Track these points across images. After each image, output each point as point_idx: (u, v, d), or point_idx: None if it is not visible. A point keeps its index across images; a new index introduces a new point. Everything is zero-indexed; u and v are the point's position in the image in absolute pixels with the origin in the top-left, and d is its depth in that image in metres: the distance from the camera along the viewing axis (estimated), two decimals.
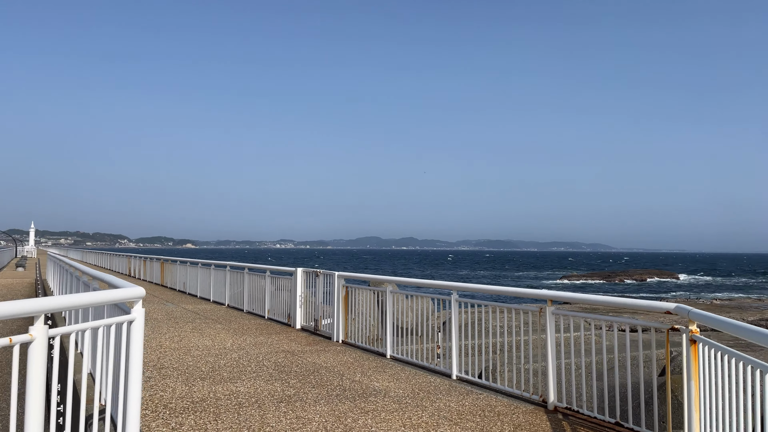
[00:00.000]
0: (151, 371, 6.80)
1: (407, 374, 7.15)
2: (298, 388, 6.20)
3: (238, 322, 11.73)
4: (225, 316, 12.70)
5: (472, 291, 7.14)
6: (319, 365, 7.53)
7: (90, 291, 6.54)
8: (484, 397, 6.07)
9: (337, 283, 9.88)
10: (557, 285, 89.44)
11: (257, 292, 13.19)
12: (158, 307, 14.24)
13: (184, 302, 15.85)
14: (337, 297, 9.81)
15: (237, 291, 14.48)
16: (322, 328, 10.41)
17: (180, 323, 11.35)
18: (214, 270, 16.34)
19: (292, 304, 11.39)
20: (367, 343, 9.05)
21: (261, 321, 12.08)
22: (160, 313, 13.07)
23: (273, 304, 12.38)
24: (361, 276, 9.82)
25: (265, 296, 12.65)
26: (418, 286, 8.35)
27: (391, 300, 8.55)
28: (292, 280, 11.47)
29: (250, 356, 8.00)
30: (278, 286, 12.19)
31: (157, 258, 24.33)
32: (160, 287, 21.47)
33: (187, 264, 19.28)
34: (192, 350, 8.34)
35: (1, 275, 29.38)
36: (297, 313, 11.21)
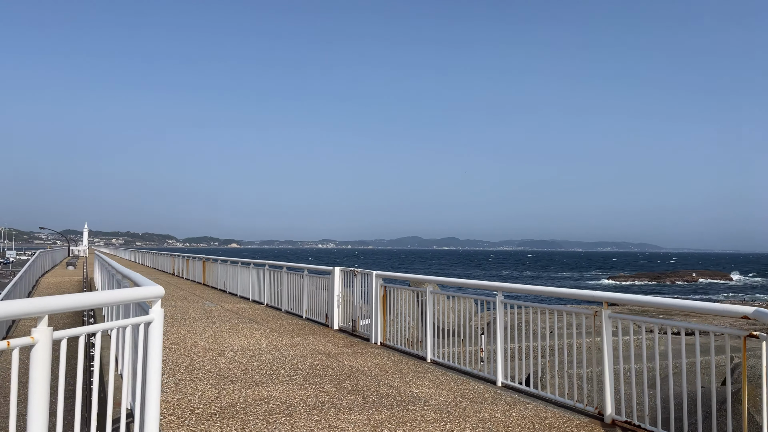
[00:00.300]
0: (182, 373, 6.57)
1: (449, 380, 6.72)
2: (333, 394, 5.85)
3: (276, 322, 11.50)
4: (263, 316, 12.51)
5: (519, 292, 6.65)
6: (356, 369, 7.17)
7: (120, 289, 6.36)
8: (532, 407, 5.58)
9: (374, 282, 9.51)
10: (600, 286, 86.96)
11: (295, 291, 12.96)
12: (197, 306, 14.19)
13: (224, 301, 15.78)
14: (375, 297, 9.45)
15: (275, 290, 14.30)
16: (360, 329, 10.07)
17: (217, 323, 11.19)
18: (254, 269, 16.23)
19: (330, 304, 11.09)
20: (406, 346, 8.65)
21: (298, 321, 11.83)
22: (199, 312, 12.98)
23: (311, 303, 12.12)
24: (400, 275, 9.43)
25: (303, 296, 12.40)
26: (460, 286, 7.90)
27: (432, 301, 8.13)
28: (330, 279, 11.18)
29: (285, 358, 7.71)
30: (316, 285, 11.92)
31: (198, 257, 24.53)
32: (201, 286, 21.58)
33: (228, 263, 19.28)
34: (226, 351, 8.11)
35: (52, 273, 30.25)
36: (335, 314, 10.91)
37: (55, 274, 29.99)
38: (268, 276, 14.92)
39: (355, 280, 10.30)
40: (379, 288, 9.42)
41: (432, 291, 8.16)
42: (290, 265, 13.57)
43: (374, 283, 9.52)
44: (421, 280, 8.54)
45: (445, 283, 8.16)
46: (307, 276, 12.33)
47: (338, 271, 11.00)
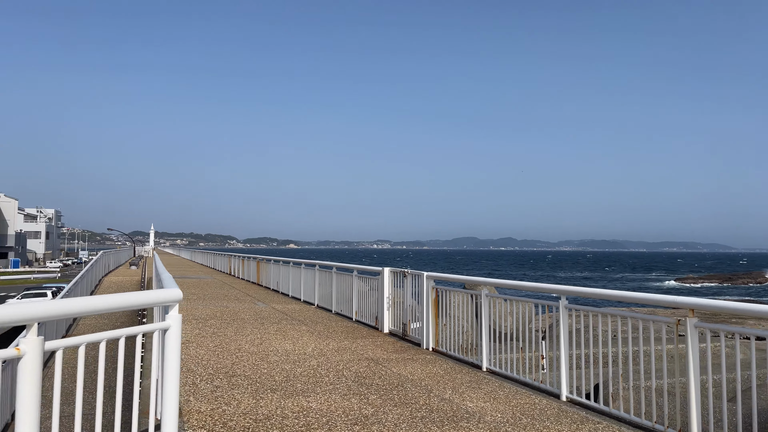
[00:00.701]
0: (221, 379, 6.23)
1: (506, 392, 6.10)
2: (378, 407, 5.35)
3: (324, 324, 11.14)
4: (312, 318, 12.18)
5: (586, 296, 5.95)
6: (405, 377, 6.65)
7: (136, 292, 6.09)
8: (603, 427, 4.91)
9: (425, 284, 8.96)
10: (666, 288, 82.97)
11: (345, 292, 12.57)
12: (248, 307, 14.03)
13: (275, 301, 15.60)
14: (426, 299, 8.90)
15: (326, 291, 13.96)
16: (410, 333, 9.54)
17: (266, 324, 10.92)
18: (304, 269, 15.98)
19: (380, 306, 10.62)
20: (459, 353, 8.06)
21: (348, 323, 11.42)
22: (249, 312, 12.79)
23: (361, 305, 11.69)
24: (452, 277, 8.84)
25: (353, 297, 11.99)
26: (518, 289, 7.25)
27: (487, 304, 7.51)
28: (379, 280, 10.71)
29: (330, 364, 7.27)
30: (366, 286, 11.49)
31: (253, 257, 24.64)
32: (255, 286, 21.60)
33: (280, 263, 19.16)
34: (270, 355, 7.76)
35: (115, 273, 31.20)
36: (384, 316, 10.43)
37: (117, 273, 30.90)
38: (318, 276, 14.62)
39: (406, 282, 9.78)
40: (431, 290, 8.87)
41: (488, 294, 7.54)
42: (340, 265, 13.20)
43: (425, 285, 8.97)
44: (476, 282, 7.93)
45: (503, 286, 7.52)
46: (357, 277, 11.91)
47: (388, 272, 10.51)
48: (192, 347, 8.09)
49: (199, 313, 12.28)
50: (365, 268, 11.70)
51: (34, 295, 43.35)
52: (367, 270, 11.62)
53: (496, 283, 7.60)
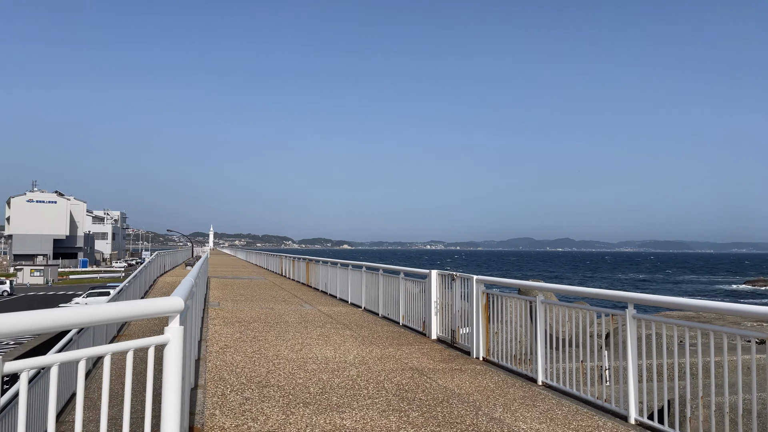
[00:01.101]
0: (252, 390, 5.83)
1: (565, 411, 5.43)
2: (418, 426, 4.80)
3: (370, 329, 10.67)
4: (358, 321, 11.74)
5: (657, 305, 5.22)
6: (451, 391, 6.07)
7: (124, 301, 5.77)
8: None
9: (475, 288, 8.34)
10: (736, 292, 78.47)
11: (392, 295, 12.07)
12: (294, 309, 13.74)
13: (322, 303, 15.28)
14: (476, 305, 8.27)
15: (373, 294, 13.50)
16: (459, 340, 8.94)
17: (309, 328, 10.55)
18: (351, 271, 15.59)
19: (427, 310, 10.06)
20: (512, 363, 7.40)
21: (394, 328, 10.91)
22: (294, 315, 12.47)
23: (408, 309, 11.16)
24: (504, 281, 8.17)
25: (400, 300, 11.47)
26: (578, 295, 6.55)
27: (543, 311, 6.83)
28: (426, 283, 10.14)
29: (371, 374, 6.78)
30: (413, 289, 10.94)
31: (302, 258, 24.51)
32: (304, 287, 21.42)
33: (328, 264, 18.87)
34: (308, 363, 7.34)
35: (171, 273, 31.83)
36: (432, 322, 9.86)
37: (173, 274, 31.52)
38: (365, 278, 14.19)
39: (454, 285, 9.18)
40: (481, 295, 8.24)
41: (543, 300, 6.86)
42: (387, 267, 12.71)
43: (475, 290, 8.34)
44: (530, 287, 7.26)
45: (561, 292, 6.82)
46: (404, 279, 11.38)
47: (435, 275, 9.93)
48: (229, 353, 7.77)
49: (243, 316, 12.06)
50: (412, 270, 11.17)
51: (98, 294, 45.07)
52: (414, 272, 11.08)
53: (554, 288, 6.91)
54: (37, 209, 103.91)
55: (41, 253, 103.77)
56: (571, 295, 6.72)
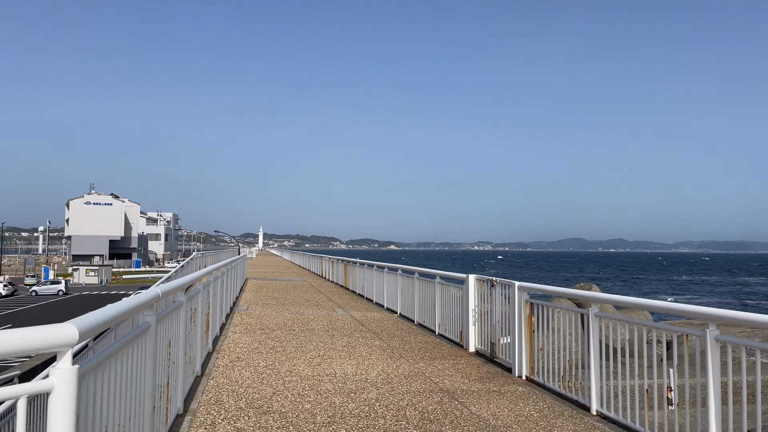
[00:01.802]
0: (248, 419, 4.96)
1: None
2: None
3: (402, 339, 9.73)
4: (390, 329, 10.82)
5: (752, 325, 4.07)
6: (486, 422, 5.07)
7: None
8: None
9: (517, 297, 7.27)
10: None
11: (427, 301, 11.09)
12: (325, 314, 12.93)
13: (356, 308, 14.43)
14: (519, 315, 7.21)
15: (408, 299, 12.55)
16: (500, 354, 7.89)
17: (336, 337, 9.70)
18: (387, 274, 14.68)
19: (464, 319, 9.04)
20: (560, 386, 6.32)
21: (429, 338, 9.94)
22: (323, 321, 11.65)
23: (444, 317, 10.16)
24: (549, 289, 7.07)
25: (436, 307, 10.49)
26: (639, 308, 5.42)
27: (597, 326, 5.73)
28: (464, 289, 9.12)
29: (393, 397, 5.83)
30: (450, 296, 9.92)
31: (341, 259, 23.78)
32: (341, 290, 20.66)
33: (365, 266, 18.02)
34: (324, 381, 6.46)
35: None
36: (470, 332, 8.83)
37: None
38: (400, 282, 13.25)
39: (494, 293, 8.13)
40: (524, 304, 7.17)
41: (598, 314, 5.75)
42: (422, 270, 11.74)
43: (517, 298, 7.28)
44: (582, 297, 6.14)
45: (620, 304, 5.67)
46: (440, 284, 10.39)
47: (473, 280, 8.90)
48: (238, 368, 6.97)
49: (269, 322, 11.31)
50: (448, 274, 10.16)
51: None
52: (450, 277, 10.07)
53: (611, 300, 5.77)
54: (93, 211, 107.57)
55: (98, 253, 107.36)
56: (632, 307, 5.59)
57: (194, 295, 6.19)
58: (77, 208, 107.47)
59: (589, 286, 19.78)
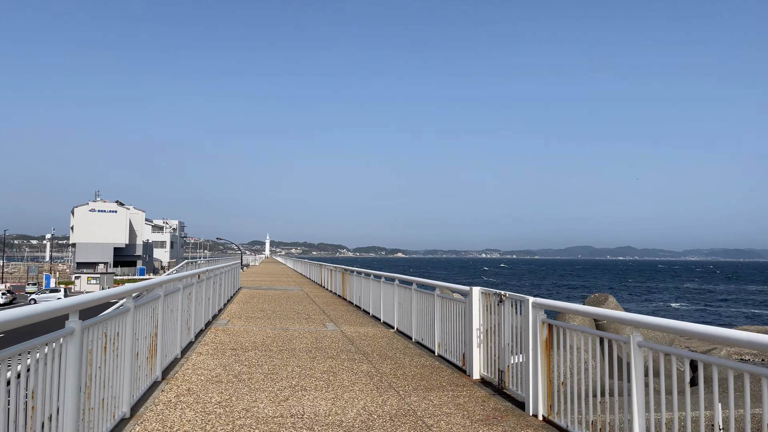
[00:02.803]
0: None
1: None
2: None
3: (395, 361, 8.34)
4: (383, 349, 9.43)
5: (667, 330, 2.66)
6: None
7: None
8: None
9: (531, 316, 5.86)
10: None
11: (426, 316, 9.69)
12: (313, 330, 11.55)
13: (349, 322, 13.04)
14: (534, 339, 5.80)
15: (406, 313, 11.15)
16: (509, 384, 6.49)
17: (317, 359, 8.31)
18: (384, 285, 13.29)
19: (468, 340, 7.64)
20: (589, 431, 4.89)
21: (427, 360, 8.55)
22: (308, 339, 10.26)
23: (445, 335, 8.76)
24: (573, 307, 5.62)
25: (435, 324, 9.09)
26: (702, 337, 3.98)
27: (641, 360, 4.31)
28: (467, 303, 7.72)
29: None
30: (451, 311, 8.52)
31: (338, 268, 22.41)
32: (339, 300, 19.28)
33: (361, 276, 16.64)
34: (285, 427, 5.06)
35: None
36: (474, 356, 7.42)
37: None
38: (397, 294, 11.86)
39: (503, 309, 6.73)
40: (540, 326, 5.76)
41: (642, 343, 4.32)
42: (420, 281, 10.34)
43: (531, 318, 5.87)
44: (618, 319, 4.69)
45: (672, 330, 4.20)
46: (440, 297, 9.00)
47: (477, 294, 7.50)
48: (181, 407, 5.58)
49: (246, 339, 9.95)
50: (449, 286, 8.77)
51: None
52: (450, 288, 8.69)
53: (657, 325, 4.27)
54: (98, 219, 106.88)
55: (102, 261, 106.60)
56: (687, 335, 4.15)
57: (121, 313, 4.84)
58: (82, 216, 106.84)
59: (605, 297, 18.28)
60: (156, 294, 6.51)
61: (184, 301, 8.53)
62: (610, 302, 18.14)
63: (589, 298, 18.74)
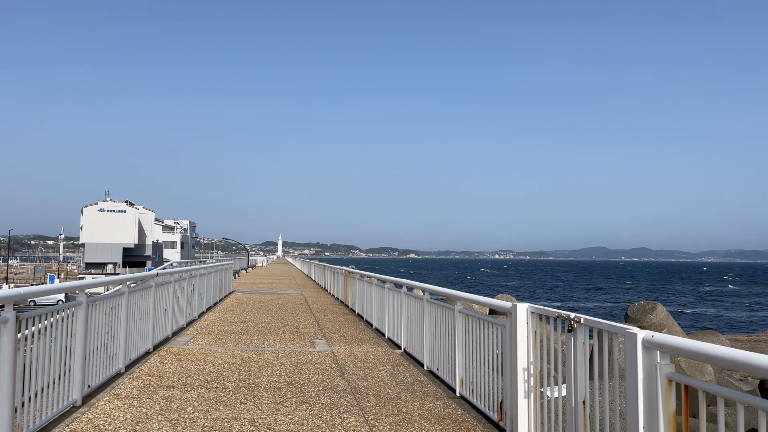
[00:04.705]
0: None
1: None
2: None
3: (399, 408, 5.71)
4: (384, 383, 6.81)
5: None
6: None
7: None
8: None
9: (643, 367, 3.18)
10: None
11: (443, 337, 7.03)
12: (295, 352, 8.93)
13: (346, 338, 10.44)
14: (649, 409, 3.14)
15: (416, 329, 8.49)
16: None
17: (286, 405, 5.70)
18: (389, 291, 10.67)
19: (510, 382, 4.97)
20: None
21: (446, 404, 5.92)
22: (283, 368, 7.64)
23: (470, 368, 6.09)
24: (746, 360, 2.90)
25: (456, 350, 6.44)
26: None
27: None
28: (508, 327, 5.05)
29: None
30: (482, 335, 5.85)
31: (340, 269, 19.82)
32: (339, 308, 16.67)
33: (364, 280, 14.03)
34: None
35: None
36: (519, 409, 4.75)
37: None
38: (405, 305, 9.20)
39: (574, 342, 4.06)
40: (662, 386, 3.08)
41: None
42: (435, 290, 7.66)
43: (641, 369, 3.19)
44: None
45: None
46: (463, 315, 6.34)
47: (525, 314, 4.82)
48: None
49: (200, 369, 7.36)
50: (481, 300, 6.09)
51: None
52: (483, 303, 6.01)
53: None
54: (107, 218, 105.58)
55: (111, 261, 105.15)
56: None
57: None
58: (91, 216, 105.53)
59: (653, 305, 15.49)
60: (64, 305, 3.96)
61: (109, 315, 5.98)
62: (659, 311, 15.34)
63: (633, 306, 15.95)
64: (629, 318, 15.56)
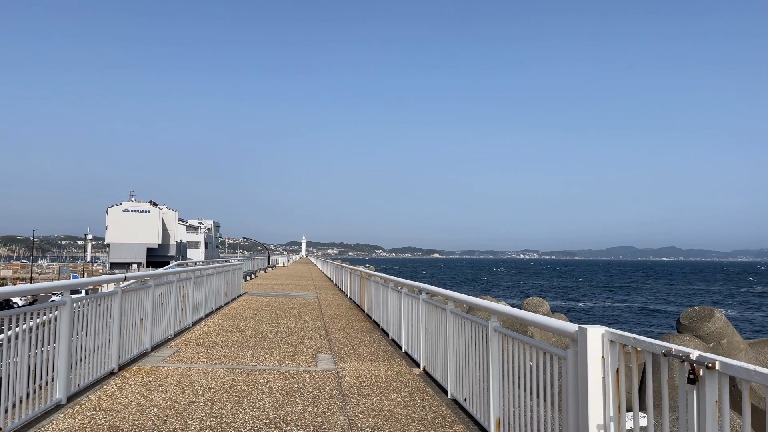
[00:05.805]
0: None
1: None
2: None
3: None
4: (395, 419, 5.22)
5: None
6: None
7: None
8: None
9: None
10: None
11: (473, 360, 5.41)
12: (293, 371, 7.39)
13: (355, 353, 8.87)
14: None
15: (438, 344, 6.87)
16: None
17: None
18: (406, 297, 9.06)
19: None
20: None
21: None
22: (272, 396, 6.10)
23: (509, 405, 4.47)
24: None
25: (491, 379, 4.82)
26: None
27: None
28: (572, 359, 3.42)
29: None
30: (524, 361, 4.24)
31: (357, 270, 18.27)
32: (354, 313, 15.13)
33: (380, 283, 12.44)
34: None
35: None
36: None
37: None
38: (424, 314, 7.58)
39: (699, 396, 2.43)
40: None
41: None
42: (460, 298, 6.03)
43: None
44: None
45: None
46: (498, 333, 4.72)
47: (601, 343, 3.19)
48: None
49: (161, 402, 5.84)
50: (524, 317, 4.46)
51: None
52: (526, 321, 4.38)
53: None
54: (131, 218, 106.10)
55: (135, 261, 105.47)
56: None
57: None
58: (115, 216, 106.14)
59: (710, 311, 13.56)
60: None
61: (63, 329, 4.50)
62: (717, 318, 13.41)
63: (687, 312, 14.04)
64: (682, 325, 13.63)
